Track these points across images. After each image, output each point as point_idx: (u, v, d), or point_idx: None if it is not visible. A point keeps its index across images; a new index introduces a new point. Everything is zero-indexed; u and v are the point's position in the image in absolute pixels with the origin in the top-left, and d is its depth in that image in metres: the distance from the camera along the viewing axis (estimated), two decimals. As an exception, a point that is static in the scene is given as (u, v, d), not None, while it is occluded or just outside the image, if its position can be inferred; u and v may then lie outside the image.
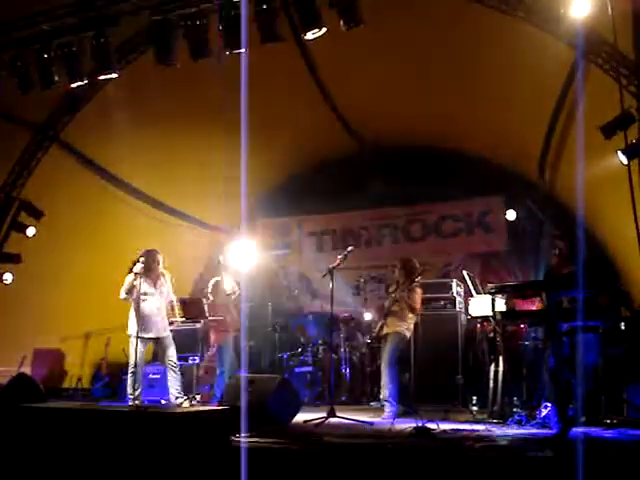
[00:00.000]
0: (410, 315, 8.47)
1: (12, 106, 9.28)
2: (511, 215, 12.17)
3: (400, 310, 8.46)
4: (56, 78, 8.11)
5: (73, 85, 8.18)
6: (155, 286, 8.73)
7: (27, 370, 10.13)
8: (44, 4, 7.98)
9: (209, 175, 12.02)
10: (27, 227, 10.75)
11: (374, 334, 8.80)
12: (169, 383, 8.66)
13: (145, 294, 8.54)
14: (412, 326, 8.56)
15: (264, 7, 7.15)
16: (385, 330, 8.53)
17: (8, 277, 10.69)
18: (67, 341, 11.58)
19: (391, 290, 8.80)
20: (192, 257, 12.34)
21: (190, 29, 7.49)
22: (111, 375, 11.68)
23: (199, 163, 11.65)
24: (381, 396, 8.41)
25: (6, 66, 8.31)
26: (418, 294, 8.57)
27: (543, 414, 6.71)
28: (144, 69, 8.60)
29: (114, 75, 7.99)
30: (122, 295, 8.57)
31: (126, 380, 8.67)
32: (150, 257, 8.67)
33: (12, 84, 8.35)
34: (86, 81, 8.15)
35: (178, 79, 8.86)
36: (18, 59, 8.20)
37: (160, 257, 8.83)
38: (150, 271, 8.65)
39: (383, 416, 8.02)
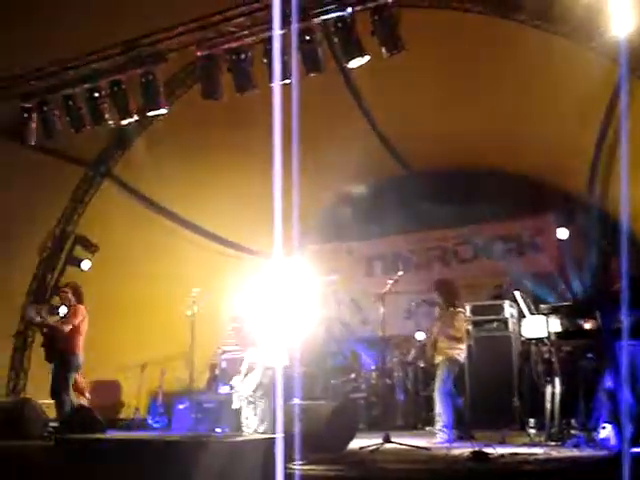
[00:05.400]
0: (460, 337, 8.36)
1: (65, 144, 9.54)
2: (563, 234, 12.00)
3: (447, 335, 8.34)
4: (106, 116, 8.32)
5: (123, 122, 8.38)
6: None
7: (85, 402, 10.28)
8: (93, 45, 8.23)
9: (262, 206, 12.10)
10: (82, 260, 11.02)
11: (427, 361, 8.63)
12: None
13: None
14: (464, 347, 8.39)
15: (307, 38, 7.26)
16: (437, 359, 8.36)
17: (63, 310, 10.91)
18: (124, 372, 11.74)
19: (437, 315, 8.71)
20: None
21: (235, 63, 7.63)
22: (167, 405, 11.80)
23: (252, 194, 11.75)
24: (436, 426, 8.25)
25: (59, 105, 8.58)
26: (460, 319, 8.42)
27: (601, 435, 6.60)
28: (193, 103, 8.76)
29: (163, 111, 8.15)
30: None
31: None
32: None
33: (65, 122, 8.62)
34: (136, 118, 8.34)
35: (227, 110, 8.99)
36: (70, 98, 8.47)
37: None
38: None
39: (437, 441, 7.91)
